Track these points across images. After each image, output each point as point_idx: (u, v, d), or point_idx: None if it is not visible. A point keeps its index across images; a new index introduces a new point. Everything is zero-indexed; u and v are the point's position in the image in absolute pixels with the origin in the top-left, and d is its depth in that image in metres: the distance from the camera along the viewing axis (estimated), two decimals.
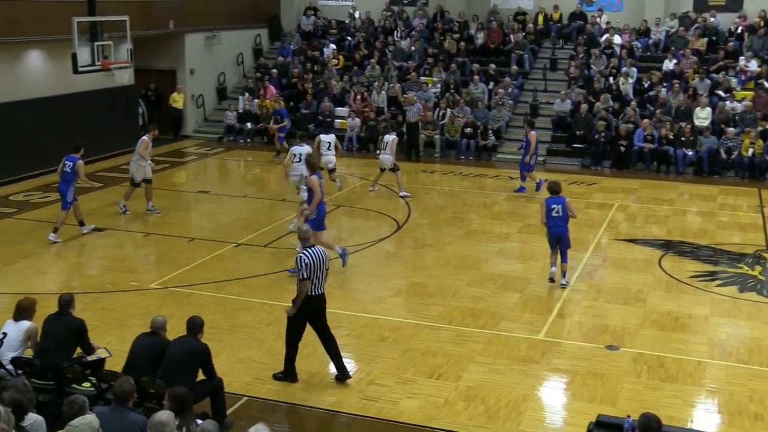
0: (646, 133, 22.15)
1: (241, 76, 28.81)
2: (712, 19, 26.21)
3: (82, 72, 18.16)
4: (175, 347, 8.52)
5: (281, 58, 28.14)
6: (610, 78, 24.86)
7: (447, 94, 25.05)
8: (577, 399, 9.75)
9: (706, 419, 9.42)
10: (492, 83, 25.57)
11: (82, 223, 15.89)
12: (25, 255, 14.76)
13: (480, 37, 27.70)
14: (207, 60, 27.18)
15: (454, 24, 28.48)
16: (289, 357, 10.04)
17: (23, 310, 8.99)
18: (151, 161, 17.38)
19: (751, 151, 21.37)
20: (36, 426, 6.54)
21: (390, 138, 19.11)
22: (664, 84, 24.25)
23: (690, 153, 21.89)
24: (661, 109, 22.97)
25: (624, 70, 24.72)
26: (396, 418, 9.22)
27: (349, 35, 29.24)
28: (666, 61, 25.11)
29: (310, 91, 26.20)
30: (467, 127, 23.82)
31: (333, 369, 10.20)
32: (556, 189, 13.36)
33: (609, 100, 23.61)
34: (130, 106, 24.23)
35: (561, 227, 13.19)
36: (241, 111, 26.22)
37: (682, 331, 11.75)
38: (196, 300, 12.51)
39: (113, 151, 22.52)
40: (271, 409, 9.40)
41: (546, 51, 27.62)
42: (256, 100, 26.10)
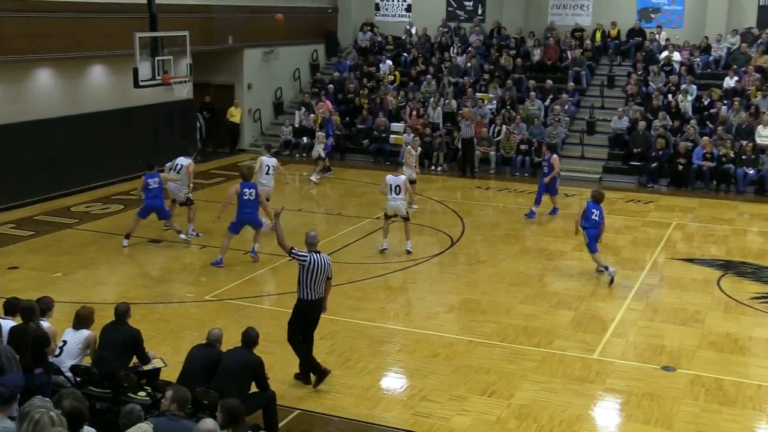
0: (705, 151, 21.81)
1: (298, 91, 29.09)
2: None
3: (143, 86, 18.50)
4: (229, 359, 8.59)
5: (337, 74, 28.34)
6: (669, 95, 24.55)
7: (503, 111, 24.99)
8: (632, 420, 9.59)
9: None
10: (549, 100, 25.45)
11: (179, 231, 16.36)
12: (84, 265, 15.04)
13: (537, 54, 27.58)
14: (264, 75, 27.50)
15: (511, 40, 28.42)
16: (299, 356, 10.22)
17: (82, 319, 9.15)
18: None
19: None
20: None
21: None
22: (725, 101, 23.87)
23: (751, 172, 21.49)
24: (721, 126, 22.60)
25: (683, 87, 24.39)
26: None
27: (406, 51, 29.32)
28: (727, 78, 24.70)
29: (365, 106, 26.33)
30: (523, 143, 23.72)
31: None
32: (599, 198, 14.67)
33: (666, 118, 23.32)
34: (188, 119, 24.62)
35: (596, 229, 14.40)
36: (296, 126, 26.48)
37: (742, 353, 11.50)
38: (251, 312, 12.60)
39: None
40: (323, 423, 9.41)
41: (603, 68, 27.39)
42: (311, 115, 26.32)
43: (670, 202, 20.72)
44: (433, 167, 24.30)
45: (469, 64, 27.53)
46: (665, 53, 26.20)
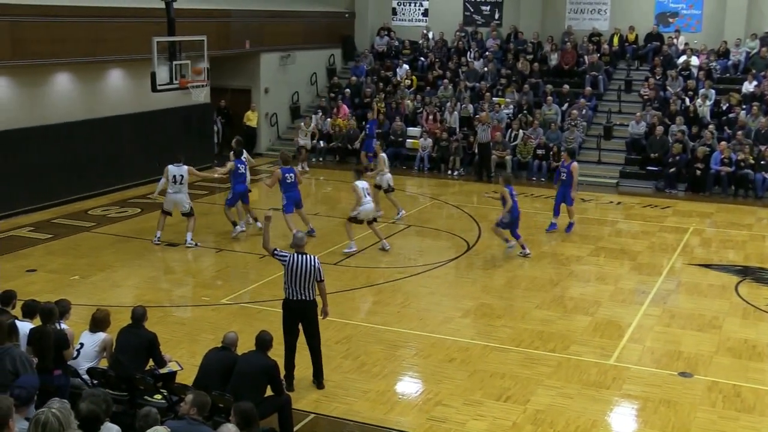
0: (723, 156, 21.69)
1: (315, 95, 29.16)
2: None
3: (161, 90, 18.55)
4: (244, 362, 8.62)
5: (354, 78, 28.40)
6: (687, 100, 24.43)
7: (520, 115, 24.95)
8: (649, 426, 9.54)
9: None
10: (566, 104, 25.38)
11: (235, 224, 17.19)
12: (101, 268, 15.12)
13: (554, 58, 27.53)
14: (281, 79, 27.57)
15: (528, 45, 28.36)
16: (285, 362, 10.18)
17: (98, 322, 9.20)
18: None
19: None
20: None
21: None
22: (744, 106, 23.73)
23: None
24: (741, 131, 22.47)
25: (702, 91, 24.26)
26: None
27: (422, 56, 29.32)
28: (746, 82, 24.57)
29: (382, 110, 26.35)
30: (539, 148, 23.67)
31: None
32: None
33: (683, 122, 23.20)
34: (206, 123, 24.71)
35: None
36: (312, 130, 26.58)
37: (760, 359, 11.42)
38: (266, 316, 12.61)
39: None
40: (338, 427, 9.41)
41: (621, 72, 27.28)
42: (328, 119, 26.39)
43: (687, 207, 20.61)
44: (449, 172, 24.28)
45: (486, 69, 27.50)
46: (683, 58, 26.09)
